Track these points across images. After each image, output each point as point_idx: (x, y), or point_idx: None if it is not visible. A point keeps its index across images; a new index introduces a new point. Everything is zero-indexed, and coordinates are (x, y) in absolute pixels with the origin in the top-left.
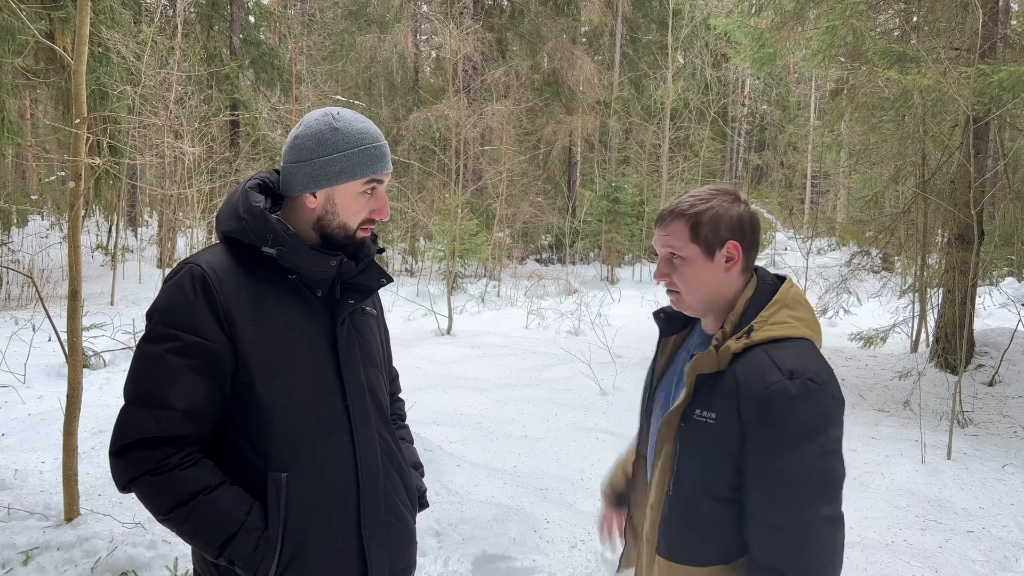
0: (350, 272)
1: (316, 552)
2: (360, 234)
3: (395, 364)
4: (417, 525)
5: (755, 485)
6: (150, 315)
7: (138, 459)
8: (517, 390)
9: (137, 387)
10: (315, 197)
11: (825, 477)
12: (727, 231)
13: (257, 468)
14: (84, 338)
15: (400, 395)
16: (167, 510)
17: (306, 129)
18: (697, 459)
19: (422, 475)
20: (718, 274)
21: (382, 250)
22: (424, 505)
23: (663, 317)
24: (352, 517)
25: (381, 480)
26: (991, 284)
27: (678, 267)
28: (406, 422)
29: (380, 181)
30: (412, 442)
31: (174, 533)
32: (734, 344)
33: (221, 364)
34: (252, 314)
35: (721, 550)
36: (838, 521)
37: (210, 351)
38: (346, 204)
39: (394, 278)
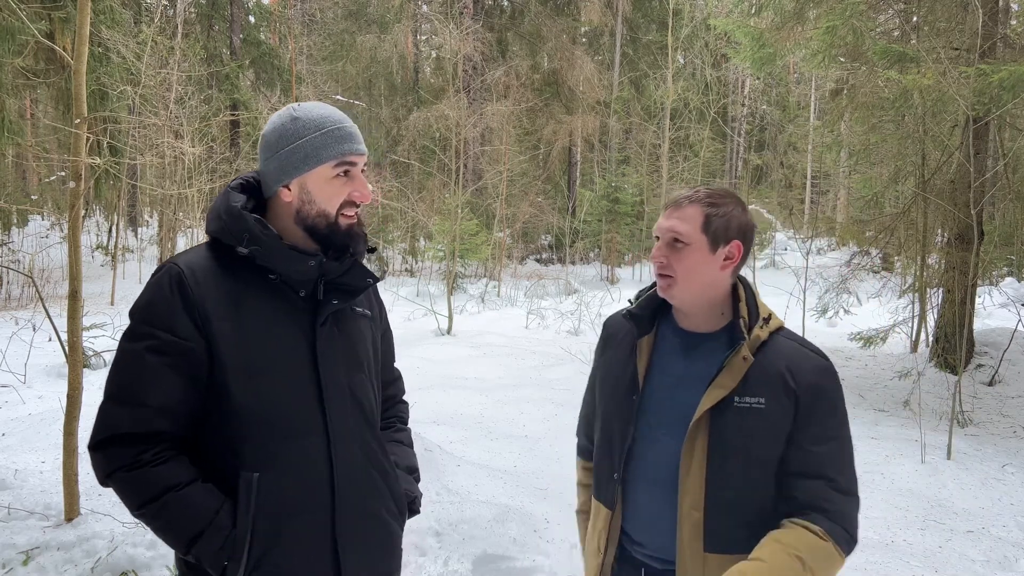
0: (334, 272)
1: (286, 554)
2: (343, 220)
3: (396, 364)
4: (417, 525)
5: (816, 452)
6: (132, 313)
7: (112, 455)
8: (517, 390)
9: (114, 384)
10: (289, 190)
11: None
12: (736, 231)
13: (231, 467)
14: (84, 338)
15: (403, 398)
16: (138, 505)
17: (269, 125)
18: (741, 445)
19: (417, 480)
20: (714, 270)
21: (373, 249)
22: (415, 512)
23: (631, 318)
24: (326, 521)
25: (359, 485)
26: (991, 284)
27: (679, 252)
28: (407, 425)
29: (352, 163)
30: (411, 446)
31: (149, 529)
32: (762, 333)
33: (197, 363)
34: (229, 313)
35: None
36: None
37: (186, 350)
38: (320, 190)
39: (388, 278)
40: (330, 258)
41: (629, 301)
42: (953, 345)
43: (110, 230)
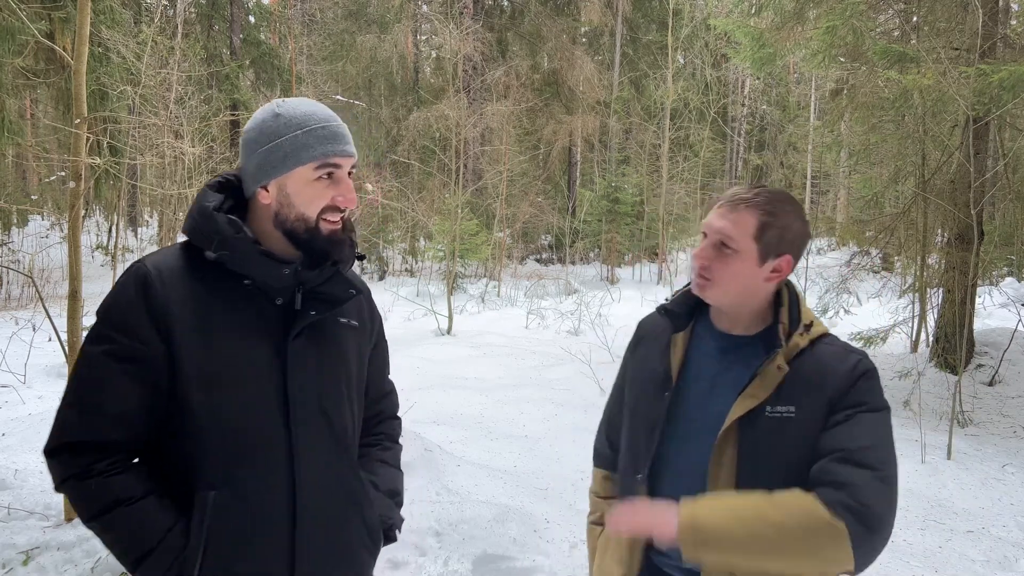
0: (313, 281)
1: None
2: (324, 225)
3: (396, 365)
4: (417, 525)
5: (845, 438)
6: (97, 313)
7: (65, 462)
8: (517, 390)
9: (72, 388)
10: (267, 191)
11: (890, 443)
12: (789, 244)
13: (188, 482)
14: (84, 338)
15: (396, 414)
16: (88, 517)
17: (251, 122)
18: (773, 455)
19: (399, 505)
20: (758, 281)
21: (362, 257)
22: (391, 539)
23: (666, 313)
24: (284, 548)
25: (324, 510)
26: (991, 284)
27: (725, 257)
28: (396, 443)
29: (336, 166)
30: (398, 466)
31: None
32: (801, 339)
33: (157, 369)
34: (195, 320)
35: None
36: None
37: (145, 356)
38: (299, 192)
39: (388, 278)
40: (311, 266)
41: (665, 299)
42: (953, 345)
43: (110, 230)
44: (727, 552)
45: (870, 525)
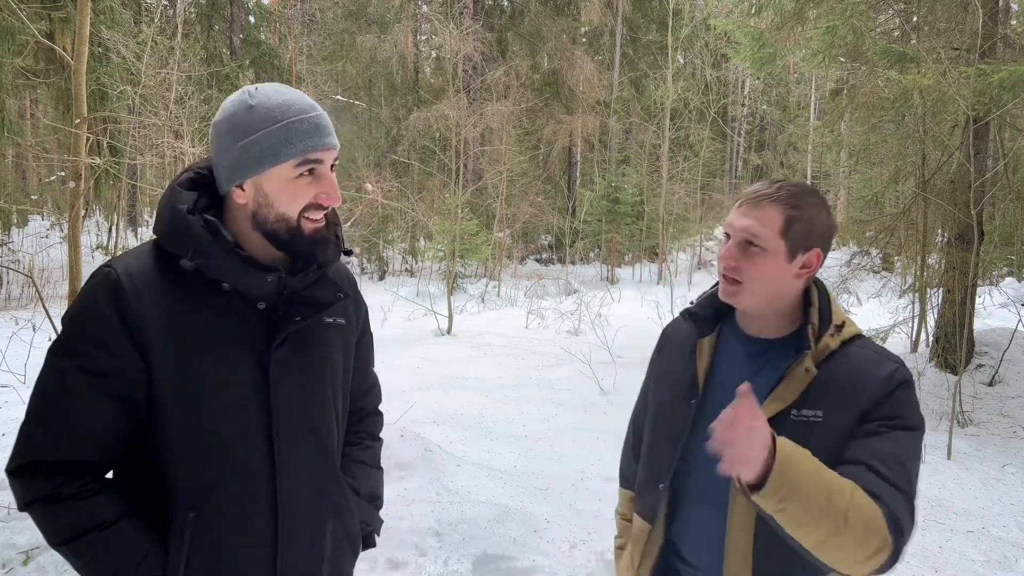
0: (297, 286)
1: None
2: (306, 224)
3: (396, 365)
4: (417, 525)
5: (877, 453)
6: (63, 320)
7: (31, 483)
8: (517, 390)
9: (38, 404)
10: (243, 190)
11: (918, 466)
12: (816, 237)
13: (166, 503)
14: None
15: (378, 408)
16: (59, 542)
17: (221, 114)
18: None
19: (378, 508)
20: (788, 278)
21: (349, 252)
22: (369, 545)
23: (691, 317)
24: (266, 563)
25: (307, 525)
26: (991, 284)
27: (752, 257)
28: (377, 440)
29: (318, 161)
30: (378, 465)
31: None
32: (832, 341)
33: (131, 384)
34: (171, 329)
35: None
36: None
37: (118, 370)
38: (279, 191)
39: (388, 278)
40: (294, 269)
41: (690, 303)
42: (953, 345)
43: (110, 230)
44: (794, 508)
45: (896, 553)
